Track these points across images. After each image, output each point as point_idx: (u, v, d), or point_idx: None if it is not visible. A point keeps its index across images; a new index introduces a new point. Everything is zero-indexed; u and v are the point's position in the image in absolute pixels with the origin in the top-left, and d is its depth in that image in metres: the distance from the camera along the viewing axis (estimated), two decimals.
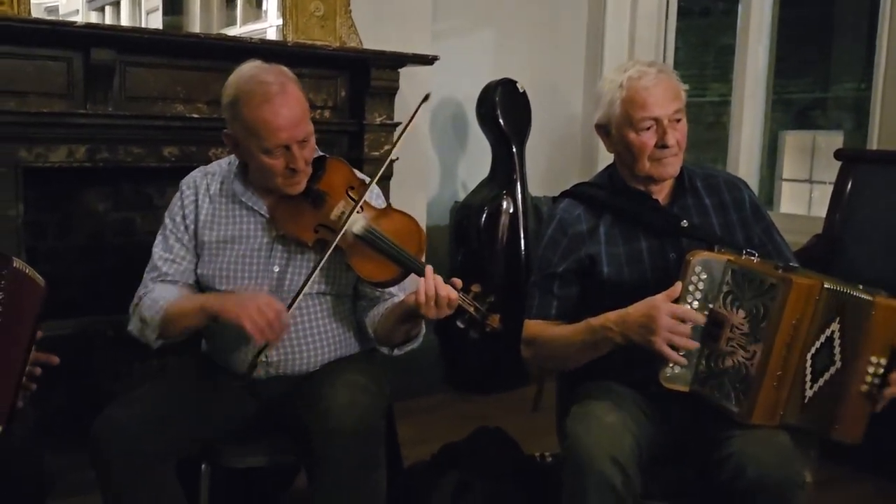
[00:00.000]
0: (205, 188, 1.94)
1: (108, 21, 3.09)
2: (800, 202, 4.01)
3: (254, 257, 1.89)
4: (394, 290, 1.89)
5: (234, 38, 2.93)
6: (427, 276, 1.70)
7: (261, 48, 2.73)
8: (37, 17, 2.54)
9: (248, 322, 1.65)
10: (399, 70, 3.13)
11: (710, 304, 1.63)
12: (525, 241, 3.65)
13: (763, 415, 1.60)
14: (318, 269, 1.79)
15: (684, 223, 1.81)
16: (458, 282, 1.73)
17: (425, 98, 1.93)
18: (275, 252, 1.89)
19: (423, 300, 1.68)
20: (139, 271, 1.94)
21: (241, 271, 1.88)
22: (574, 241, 1.85)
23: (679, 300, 1.62)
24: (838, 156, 3.11)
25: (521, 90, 3.70)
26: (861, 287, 1.61)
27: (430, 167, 3.78)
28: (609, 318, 1.68)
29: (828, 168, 3.52)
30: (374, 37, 3.13)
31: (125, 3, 3.11)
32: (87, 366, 2.67)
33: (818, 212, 3.50)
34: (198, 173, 1.98)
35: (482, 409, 3.31)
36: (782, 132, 3.99)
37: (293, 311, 1.77)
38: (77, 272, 2.91)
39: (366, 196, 1.86)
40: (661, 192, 1.87)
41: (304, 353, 1.89)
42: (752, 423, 1.59)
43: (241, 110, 1.76)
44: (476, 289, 1.76)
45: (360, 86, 3.10)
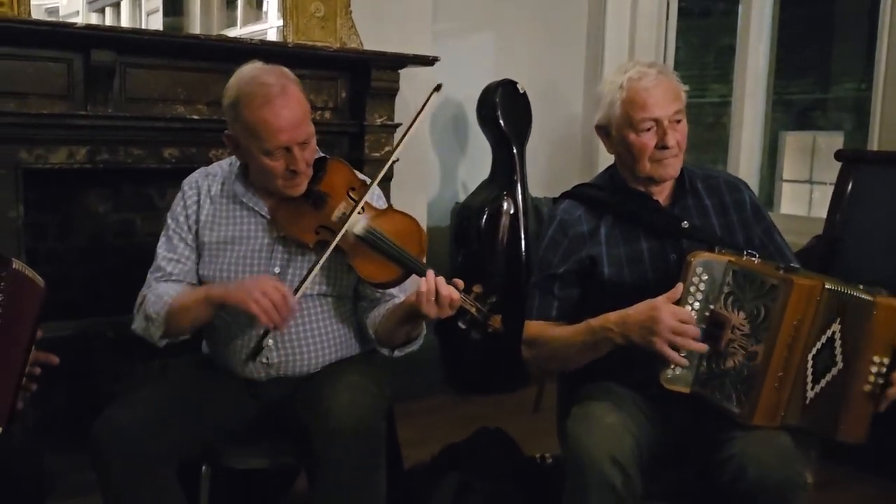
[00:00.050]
0: (206, 189, 1.94)
1: (109, 22, 3.08)
2: (800, 203, 4.01)
3: (254, 258, 1.89)
4: (394, 291, 1.89)
5: (234, 40, 2.93)
6: (429, 276, 1.70)
7: (261, 49, 2.73)
8: (37, 18, 2.55)
9: (254, 305, 1.65)
10: (399, 71, 3.13)
11: (711, 305, 1.63)
12: (525, 243, 3.65)
13: (764, 416, 1.60)
14: (319, 266, 1.79)
15: (685, 224, 1.81)
16: (460, 282, 1.72)
17: (437, 88, 1.89)
18: (275, 253, 1.89)
19: (424, 299, 1.67)
20: (139, 272, 1.93)
21: (242, 272, 1.87)
22: (575, 242, 1.85)
23: (680, 301, 1.62)
24: (839, 156, 3.11)
25: (521, 91, 3.70)
26: (862, 287, 1.61)
27: (431, 168, 3.78)
28: (609, 318, 1.68)
29: (828, 169, 3.52)
30: (375, 38, 3.13)
31: (125, 4, 3.11)
32: (87, 367, 2.67)
33: (818, 213, 3.51)
34: (199, 174, 1.98)
35: (483, 411, 3.31)
36: (782, 133, 3.98)
37: (297, 298, 1.74)
38: (77, 273, 2.91)
39: (367, 197, 1.85)
40: (661, 193, 1.87)
41: (305, 355, 1.88)
42: (754, 424, 1.59)
43: (241, 111, 1.76)
44: (478, 289, 1.75)
45: (360, 87, 3.10)
